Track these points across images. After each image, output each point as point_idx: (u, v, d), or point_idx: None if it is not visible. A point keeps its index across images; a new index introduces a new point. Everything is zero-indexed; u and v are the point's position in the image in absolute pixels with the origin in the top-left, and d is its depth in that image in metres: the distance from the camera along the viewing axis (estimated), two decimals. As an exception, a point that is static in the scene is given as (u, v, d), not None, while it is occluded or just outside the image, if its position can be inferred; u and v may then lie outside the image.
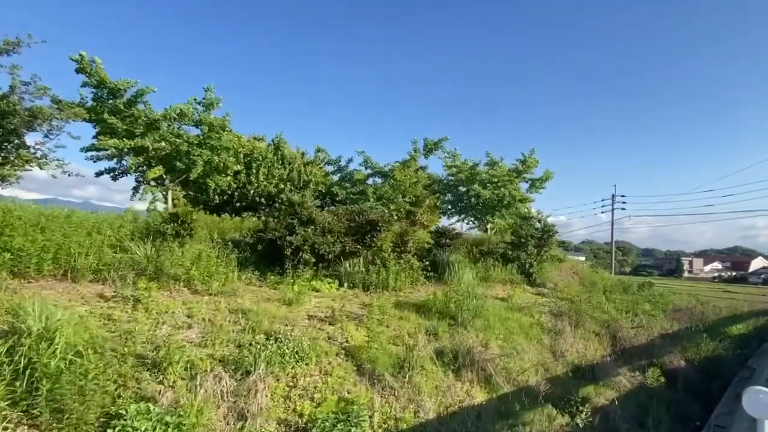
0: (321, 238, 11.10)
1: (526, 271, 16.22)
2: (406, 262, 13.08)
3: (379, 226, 11.49)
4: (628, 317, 13.92)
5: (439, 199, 21.04)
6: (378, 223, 11.50)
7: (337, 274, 11.90)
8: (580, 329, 11.78)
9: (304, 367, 6.72)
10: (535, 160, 20.45)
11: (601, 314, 13.28)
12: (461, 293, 9.99)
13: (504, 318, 10.70)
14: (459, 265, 13.76)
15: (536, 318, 11.49)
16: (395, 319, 9.30)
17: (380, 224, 11.50)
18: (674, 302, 18.08)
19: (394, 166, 16.49)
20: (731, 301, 26.00)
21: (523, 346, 9.77)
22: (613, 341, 11.90)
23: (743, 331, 15.36)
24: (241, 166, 15.01)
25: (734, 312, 18.31)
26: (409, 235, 13.38)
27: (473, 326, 9.72)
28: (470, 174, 19.06)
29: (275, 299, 9.50)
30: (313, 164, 16.64)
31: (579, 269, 20.58)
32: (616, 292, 18.33)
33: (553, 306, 13.00)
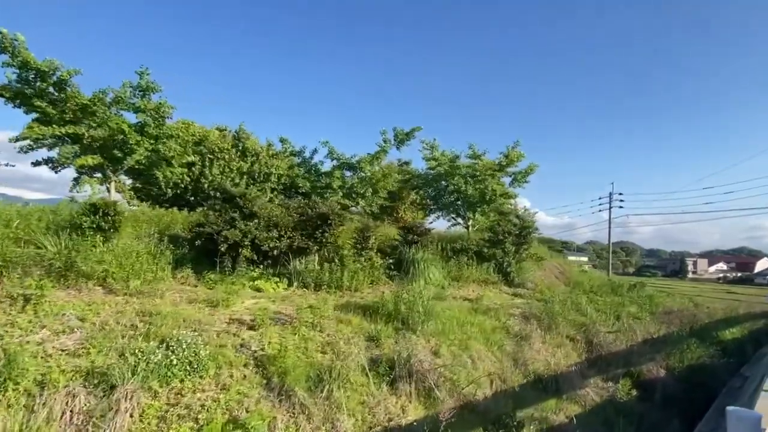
0: (265, 233, 10.10)
1: (503, 271, 15.16)
2: (367, 259, 12.07)
3: (330, 220, 10.47)
4: (610, 320, 12.82)
5: (419, 194, 19.97)
6: (328, 216, 10.48)
7: (288, 273, 10.93)
8: (552, 334, 10.71)
9: (197, 380, 5.71)
10: (520, 154, 19.29)
11: (579, 317, 12.20)
12: (413, 293, 8.94)
13: (464, 322, 9.64)
14: (426, 264, 12.72)
15: (503, 321, 10.42)
16: (334, 322, 8.28)
17: (331, 218, 10.48)
18: (665, 304, 16.94)
19: (362, 158, 15.45)
20: (730, 302, 24.80)
21: (480, 353, 8.72)
22: (588, 347, 10.82)
23: (737, 335, 14.22)
24: (196, 158, 14.04)
25: (729, 314, 17.12)
26: (371, 230, 12.36)
27: (425, 331, 8.68)
28: (450, 167, 17.96)
29: (202, 300, 8.52)
30: (278, 156, 15.65)
31: (565, 269, 19.47)
32: (603, 293, 17.22)
33: (526, 308, 11.93)
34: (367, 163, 15.46)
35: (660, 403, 9.09)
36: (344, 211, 15.48)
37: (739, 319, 16.73)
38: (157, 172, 12.67)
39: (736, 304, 23.99)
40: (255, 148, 15.02)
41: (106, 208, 9.08)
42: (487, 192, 17.96)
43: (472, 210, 18.77)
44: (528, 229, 15.20)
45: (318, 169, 15.64)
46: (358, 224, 12.65)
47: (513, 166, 19.45)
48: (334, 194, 15.12)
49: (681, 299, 19.22)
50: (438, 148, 17.97)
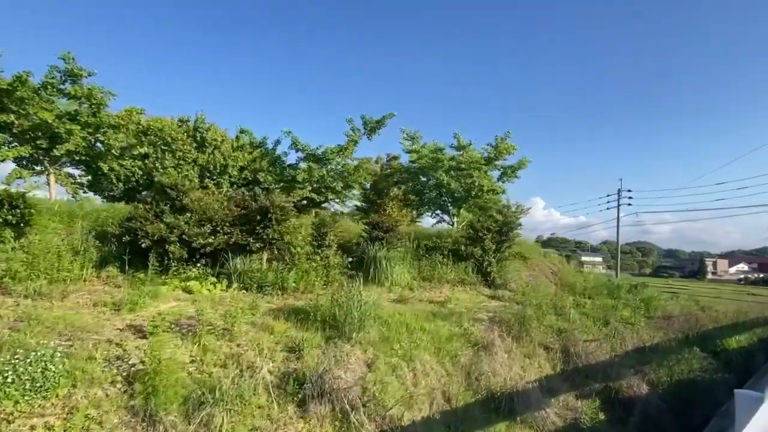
0: (196, 228, 9.10)
1: (483, 270, 13.90)
2: (323, 258, 10.99)
3: (270, 215, 9.41)
4: (595, 327, 11.47)
5: (401, 190, 18.80)
6: (268, 210, 9.42)
7: (232, 273, 9.92)
8: (523, 342, 9.46)
9: (38, 401, 4.70)
10: (511, 146, 17.99)
11: (560, 323, 10.90)
12: (349, 295, 7.82)
13: (416, 328, 8.48)
14: (389, 262, 11.58)
15: (464, 327, 9.21)
16: (253, 329, 7.23)
17: (272, 212, 9.42)
18: (665, 308, 15.41)
19: (328, 149, 14.35)
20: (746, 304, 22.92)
21: (427, 365, 7.55)
22: (565, 357, 9.54)
23: (745, 344, 12.67)
24: (150, 149, 13.14)
25: (738, 319, 15.49)
26: (328, 226, 11.28)
27: (362, 339, 7.55)
28: (432, 159, 16.76)
29: (110, 303, 7.56)
30: (242, 148, 14.68)
31: (558, 269, 18.05)
32: (598, 295, 15.81)
33: (502, 312, 10.68)
34: (334, 154, 14.36)
35: (638, 428, 7.78)
36: (320, 207, 14.49)
37: (750, 324, 15.09)
38: (102, 164, 11.78)
39: (750, 307, 22.16)
40: (216, 139, 14.07)
41: (12, 200, 8.18)
42: (473, 187, 16.75)
43: (457, 206, 17.56)
44: (510, 225, 13.89)
45: (283, 162, 14.63)
46: (315, 219, 11.58)
47: (502, 159, 18.18)
48: (301, 188, 14.08)
49: (686, 302, 17.58)
50: (419, 139, 16.83)
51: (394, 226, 12.48)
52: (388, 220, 12.40)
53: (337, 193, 15.07)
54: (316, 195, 14.55)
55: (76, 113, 10.41)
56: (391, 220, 12.62)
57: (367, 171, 16.22)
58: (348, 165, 14.84)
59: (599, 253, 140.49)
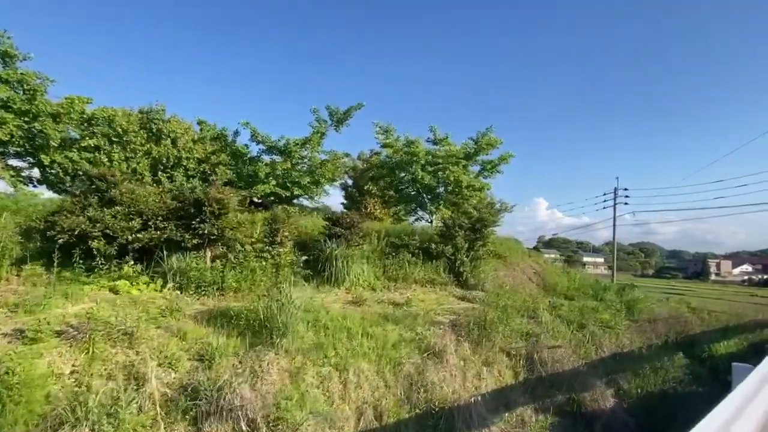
0: (123, 223, 8.35)
1: (455, 270, 13.08)
2: (274, 256, 10.23)
3: (205, 208, 8.64)
4: (571, 331, 10.64)
5: (377, 185, 17.99)
6: (203, 203, 8.65)
7: (170, 272, 9.16)
8: (483, 348, 8.64)
9: None
10: (494, 140, 17.13)
11: (531, 326, 10.08)
12: (281, 297, 7.03)
13: (358, 333, 7.68)
14: (347, 261, 10.79)
15: (418, 332, 8.41)
16: (165, 334, 6.46)
17: (206, 205, 8.65)
18: (652, 310, 14.55)
19: (290, 141, 13.54)
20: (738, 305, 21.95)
21: (363, 375, 6.75)
22: (529, 365, 8.71)
23: (733, 349, 11.78)
24: (102, 141, 12.39)
25: (728, 322, 14.59)
26: (280, 222, 10.50)
27: (290, 346, 6.77)
28: (407, 154, 15.96)
29: (12, 303, 6.82)
30: (204, 141, 13.92)
31: (542, 269, 17.19)
32: (581, 296, 14.97)
33: (468, 314, 9.85)
34: (298, 147, 13.57)
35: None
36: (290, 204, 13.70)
37: (742, 327, 14.19)
38: (43, 157, 11.06)
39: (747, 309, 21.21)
40: (176, 131, 13.31)
41: None
42: (449, 182, 15.93)
43: (435, 203, 16.74)
44: (483, 221, 13.05)
45: (244, 155, 13.86)
46: (267, 215, 10.82)
47: (485, 153, 17.34)
48: (264, 183, 13.32)
49: (676, 304, 16.69)
50: (393, 132, 16.01)
51: (357, 223, 11.68)
52: (349, 216, 11.60)
53: (304, 188, 14.28)
54: (281, 190, 13.77)
55: (8, 100, 9.69)
56: (354, 217, 11.82)
57: (337, 166, 15.37)
58: (315, 158, 14.06)
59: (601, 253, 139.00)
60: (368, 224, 14.18)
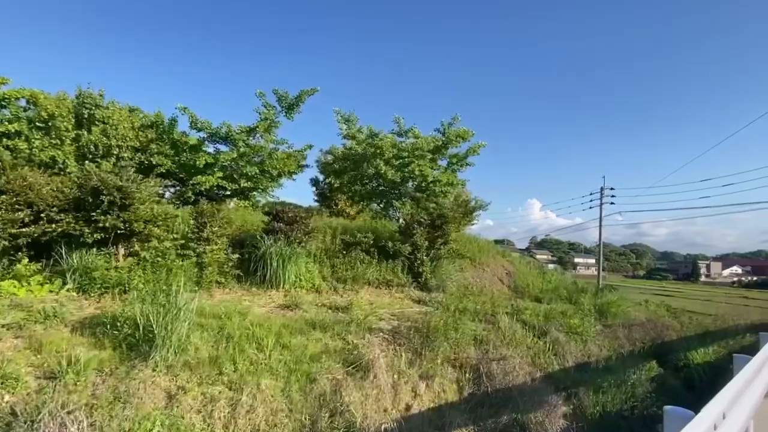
0: (8, 214, 7.20)
1: (415, 270, 12.05)
2: (201, 254, 9.12)
3: (102, 197, 7.51)
4: (533, 337, 9.62)
5: (340, 180, 16.90)
6: (101, 192, 7.52)
7: (75, 270, 8.03)
8: (425, 359, 7.58)
9: None
10: (464, 131, 16.07)
11: (486, 333, 9.05)
12: (169, 301, 5.94)
13: (270, 344, 6.59)
14: (282, 260, 9.70)
15: (349, 341, 7.34)
16: (20, 346, 5.35)
17: (105, 194, 7.52)
18: (628, 314, 13.58)
19: (231, 129, 12.39)
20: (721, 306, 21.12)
21: (262, 396, 5.65)
22: (478, 378, 7.67)
23: (712, 357, 10.83)
24: (22, 125, 11.20)
25: (708, 328, 13.67)
26: (207, 216, 9.39)
27: (177, 360, 5.67)
28: (369, 146, 14.89)
29: None
30: (143, 129, 12.73)
31: (514, 269, 16.20)
32: (553, 299, 14.01)
33: (419, 320, 8.78)
34: (242, 135, 12.44)
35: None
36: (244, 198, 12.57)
37: (723, 332, 13.26)
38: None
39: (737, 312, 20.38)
40: (111, 117, 12.12)
41: None
42: (414, 177, 14.88)
43: (400, 199, 15.68)
44: (444, 218, 12.01)
45: (183, 144, 12.69)
46: (195, 209, 9.70)
47: (454, 146, 16.29)
48: (207, 175, 12.18)
49: (656, 307, 15.77)
50: (356, 122, 14.91)
51: (301, 218, 10.57)
52: (291, 211, 10.49)
53: (253, 180, 13.15)
54: (228, 183, 12.65)
55: None
56: (297, 211, 10.71)
57: (292, 156, 14.16)
58: (265, 148, 12.93)
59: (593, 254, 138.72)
60: (321, 220, 13.11)
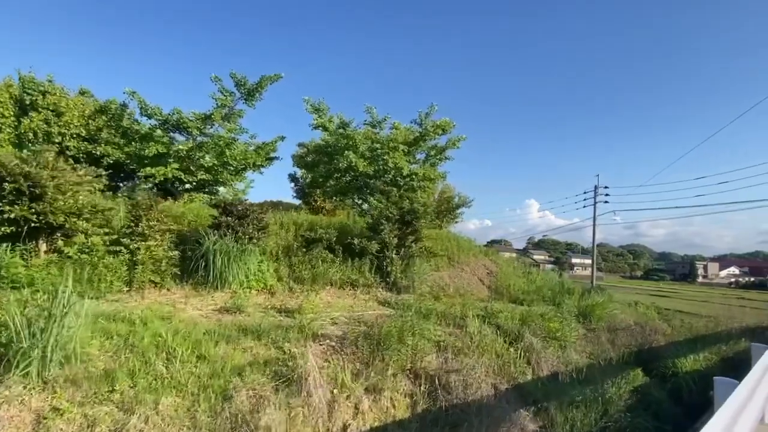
0: None
1: (384, 270, 11.14)
2: (135, 250, 8.20)
3: (5, 185, 6.58)
4: (505, 343, 8.71)
5: (312, 174, 15.97)
6: (3, 179, 6.59)
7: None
8: (375, 369, 6.66)
9: None
10: (444, 123, 15.16)
11: (453, 340, 8.14)
12: (47, 306, 5.01)
13: (184, 353, 5.67)
14: (233, 258, 8.79)
15: (286, 350, 6.42)
16: None
17: (7, 181, 6.59)
18: (614, 317, 12.69)
19: (182, 116, 11.41)
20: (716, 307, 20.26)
21: (155, 417, 4.73)
22: (434, 392, 6.76)
23: (702, 366, 9.93)
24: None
25: (699, 332, 12.78)
26: (142, 209, 8.46)
27: (59, 375, 4.75)
28: (341, 138, 13.97)
29: None
30: (94, 117, 11.78)
31: (497, 269, 15.30)
32: (535, 300, 13.12)
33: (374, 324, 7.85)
34: (196, 122, 11.51)
35: None
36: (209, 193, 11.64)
37: (716, 337, 12.37)
38: None
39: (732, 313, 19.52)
40: (58, 104, 11.17)
41: None
42: (388, 169, 13.98)
43: (374, 195, 14.76)
44: (415, 213, 11.10)
45: (134, 132, 11.74)
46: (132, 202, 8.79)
47: (432, 138, 15.39)
48: (159, 166, 11.25)
49: (645, 310, 14.89)
50: (326, 111, 13.97)
51: (254, 212, 9.65)
52: (242, 204, 9.57)
53: (211, 172, 12.22)
54: (184, 175, 11.72)
55: None
56: (250, 205, 9.80)
57: (261, 150, 13.12)
58: (223, 138, 12.00)
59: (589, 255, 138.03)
60: (286, 216, 12.20)
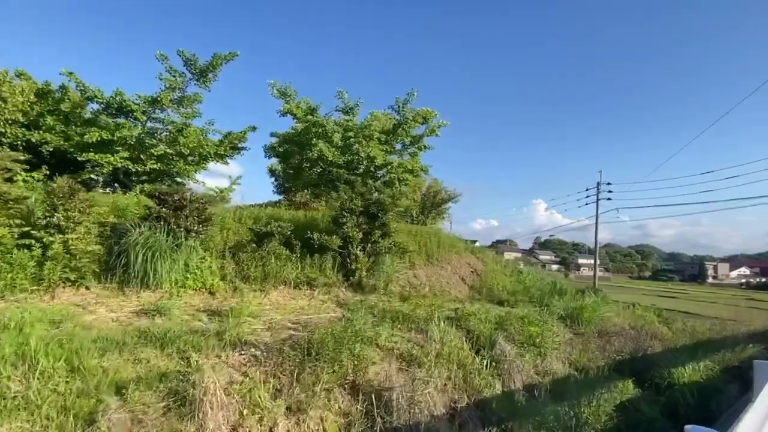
0: None
1: (347, 267, 10.08)
2: (50, 244, 7.23)
3: None
4: (472, 351, 7.60)
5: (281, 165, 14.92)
6: None
7: None
8: (302, 385, 5.59)
9: None
10: (426, 112, 14.07)
11: (410, 347, 7.06)
12: None
13: (50, 367, 4.65)
14: (168, 254, 7.78)
15: (193, 362, 5.37)
16: None
17: None
18: (611, 319, 11.52)
19: (127, 98, 10.37)
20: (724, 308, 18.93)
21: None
22: (375, 410, 5.67)
23: (701, 376, 8.72)
24: None
25: (701, 336, 11.54)
26: (60, 196, 7.47)
27: None
28: (310, 125, 12.91)
29: None
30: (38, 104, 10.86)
31: (482, 267, 14.17)
32: (523, 301, 11.99)
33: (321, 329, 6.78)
34: (143, 105, 10.50)
35: None
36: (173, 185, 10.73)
37: (719, 342, 11.14)
38: None
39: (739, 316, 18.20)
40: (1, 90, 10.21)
41: None
42: (361, 160, 12.90)
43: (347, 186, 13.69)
44: (381, 205, 10.01)
45: (77, 118, 10.74)
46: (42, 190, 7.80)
47: (411, 126, 14.29)
48: (100, 154, 10.27)
49: (643, 312, 13.64)
50: (294, 96, 12.91)
51: (194, 201, 8.61)
52: (180, 194, 8.54)
53: (163, 161, 11.23)
54: (133, 164, 10.74)
55: None
56: (189, 194, 8.77)
57: (227, 139, 12.03)
58: (175, 124, 10.99)
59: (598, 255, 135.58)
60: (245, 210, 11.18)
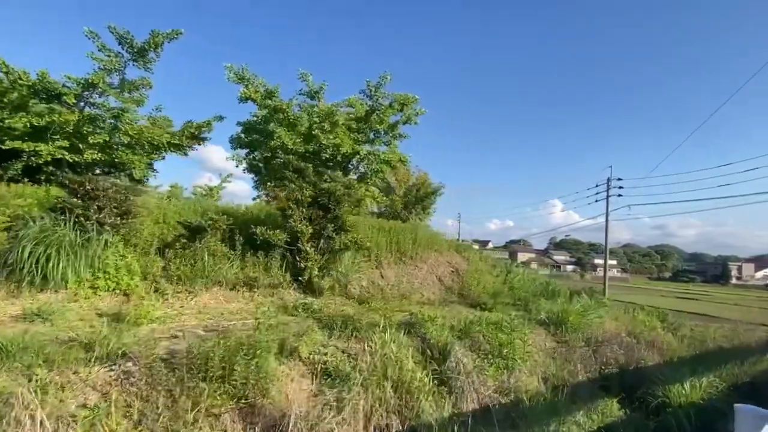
0: None
1: (297, 266, 8.96)
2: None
3: None
4: (418, 366, 6.38)
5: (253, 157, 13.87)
6: None
7: None
8: (178, 409, 4.48)
9: None
10: (403, 97, 12.87)
11: (340, 362, 5.90)
12: None
13: None
14: (71, 251, 6.78)
15: (37, 381, 4.30)
16: None
17: None
18: (604, 324, 10.13)
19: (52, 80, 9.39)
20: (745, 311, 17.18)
21: None
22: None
23: (701, 397, 7.28)
24: None
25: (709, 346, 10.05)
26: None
27: None
28: (271, 111, 11.82)
29: None
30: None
31: (465, 267, 12.88)
32: (506, 305, 10.73)
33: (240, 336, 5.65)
34: (74, 89, 9.55)
35: None
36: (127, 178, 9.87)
37: (728, 354, 9.62)
38: None
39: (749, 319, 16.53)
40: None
41: None
42: (325, 149, 11.76)
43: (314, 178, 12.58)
44: (333, 196, 8.84)
45: (7, 101, 9.83)
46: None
47: (386, 113, 13.10)
48: (29, 141, 9.37)
49: (645, 317, 12.13)
50: (253, 81, 11.83)
51: (109, 191, 7.60)
52: (92, 182, 7.53)
53: (105, 151, 10.30)
54: (71, 154, 9.84)
55: None
56: (106, 183, 7.76)
57: (187, 129, 10.99)
58: (115, 110, 10.04)
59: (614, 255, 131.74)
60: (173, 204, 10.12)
